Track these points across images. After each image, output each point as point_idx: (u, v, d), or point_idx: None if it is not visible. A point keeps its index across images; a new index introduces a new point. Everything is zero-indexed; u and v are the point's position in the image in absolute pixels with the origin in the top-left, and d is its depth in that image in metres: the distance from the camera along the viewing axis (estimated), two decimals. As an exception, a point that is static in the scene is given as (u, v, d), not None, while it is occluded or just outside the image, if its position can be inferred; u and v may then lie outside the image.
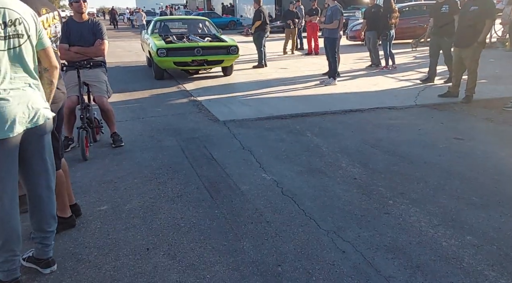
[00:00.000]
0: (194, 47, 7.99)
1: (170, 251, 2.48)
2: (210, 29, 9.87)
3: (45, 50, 2.04)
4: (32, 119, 1.94)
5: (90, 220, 2.85)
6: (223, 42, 8.43)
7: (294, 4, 12.66)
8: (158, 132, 4.93)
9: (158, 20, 10.26)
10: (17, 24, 1.85)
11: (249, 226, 2.74)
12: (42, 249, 2.20)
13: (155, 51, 7.76)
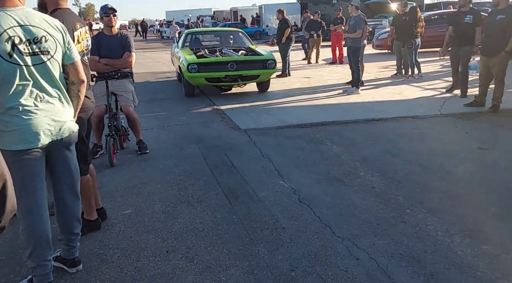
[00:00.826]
0: (227, 62, 7.25)
1: (188, 253, 2.57)
2: (244, 41, 9.22)
3: (73, 64, 2.13)
4: (58, 132, 2.04)
5: (115, 223, 3.00)
6: (259, 56, 7.76)
7: (318, 13, 12.74)
8: (181, 140, 5.08)
9: (189, 33, 9.64)
10: (43, 41, 1.95)
11: (265, 231, 2.81)
12: (68, 250, 2.34)
13: (185, 66, 7.14)
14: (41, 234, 2.07)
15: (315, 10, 13.10)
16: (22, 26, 1.88)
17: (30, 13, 1.95)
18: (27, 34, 1.90)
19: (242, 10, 32.84)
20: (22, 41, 1.87)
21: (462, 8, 6.64)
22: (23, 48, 1.88)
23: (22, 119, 1.90)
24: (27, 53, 1.91)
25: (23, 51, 1.88)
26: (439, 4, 21.50)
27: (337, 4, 23.27)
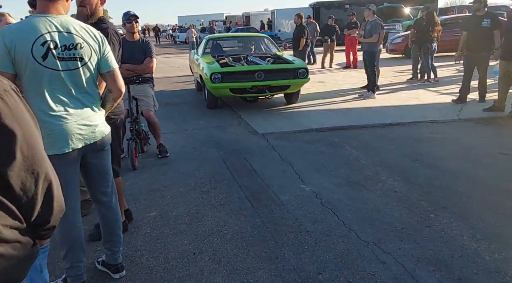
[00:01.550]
0: (254, 71, 6.57)
1: (215, 256, 2.61)
2: (270, 47, 8.45)
3: (109, 72, 2.14)
4: (90, 135, 2.07)
5: (141, 225, 3.05)
6: (289, 64, 6.98)
7: (332, 18, 12.77)
8: (200, 144, 5.14)
9: (210, 38, 8.75)
10: (78, 48, 1.98)
11: (289, 235, 2.83)
12: (112, 255, 2.39)
13: (208, 76, 6.48)
14: (75, 237, 2.13)
15: (329, 15, 13.14)
16: (60, 32, 1.94)
17: (70, 21, 2.00)
18: (63, 40, 1.94)
19: (254, 15, 33.03)
20: (58, 46, 1.92)
21: (477, 12, 6.50)
22: (57, 53, 1.92)
23: (53, 124, 1.92)
24: (61, 58, 1.94)
25: (57, 56, 1.92)
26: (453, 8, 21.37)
27: (349, 8, 23.27)
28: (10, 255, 1.02)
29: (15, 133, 1.00)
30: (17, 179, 1.01)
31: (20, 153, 1.01)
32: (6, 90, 1.01)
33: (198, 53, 8.39)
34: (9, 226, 1.02)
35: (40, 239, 1.17)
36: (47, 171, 1.08)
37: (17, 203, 1.04)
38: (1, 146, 0.98)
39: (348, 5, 23.71)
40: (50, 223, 1.14)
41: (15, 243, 1.04)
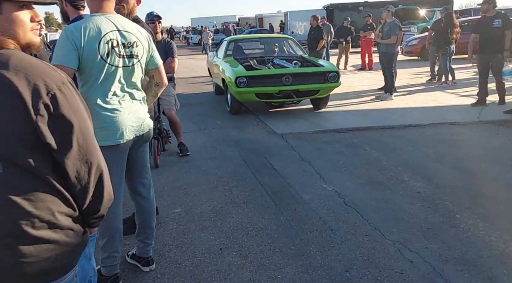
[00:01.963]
0: (282, 75, 6.17)
1: (242, 252, 2.64)
2: (295, 49, 7.96)
3: (157, 68, 2.27)
4: (140, 128, 2.17)
5: (167, 220, 3.10)
6: (318, 67, 6.60)
7: (348, 20, 12.74)
8: (219, 143, 5.19)
9: (231, 40, 8.31)
10: (134, 46, 2.08)
11: (314, 233, 2.85)
12: (143, 248, 2.44)
13: (233, 80, 6.08)
14: (116, 227, 2.19)
15: (345, 17, 13.10)
16: (119, 31, 2.03)
17: (123, 19, 2.11)
18: (122, 38, 2.04)
19: (267, 17, 33.08)
20: (118, 44, 2.02)
21: (486, 14, 6.38)
22: (118, 51, 2.02)
23: (109, 116, 2.02)
24: (121, 55, 2.05)
25: (118, 53, 2.03)
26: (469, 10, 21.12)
27: (363, 10, 23.18)
28: (64, 242, 1.06)
29: (73, 123, 1.04)
30: (72, 167, 1.05)
31: (76, 142, 1.05)
32: (64, 83, 1.05)
33: (218, 56, 7.99)
34: (64, 213, 1.07)
35: (89, 227, 1.21)
36: (99, 161, 1.13)
37: (71, 191, 1.08)
38: (60, 135, 1.02)
39: (362, 7, 23.65)
40: (99, 212, 1.18)
41: (68, 230, 1.08)
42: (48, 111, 0.99)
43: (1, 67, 0.97)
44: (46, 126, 0.99)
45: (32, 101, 0.97)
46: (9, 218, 0.98)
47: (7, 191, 0.97)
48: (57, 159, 1.04)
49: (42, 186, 1.02)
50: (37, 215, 1.00)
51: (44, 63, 1.06)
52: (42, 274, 1.03)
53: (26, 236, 0.99)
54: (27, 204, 0.99)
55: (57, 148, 1.02)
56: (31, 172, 1.00)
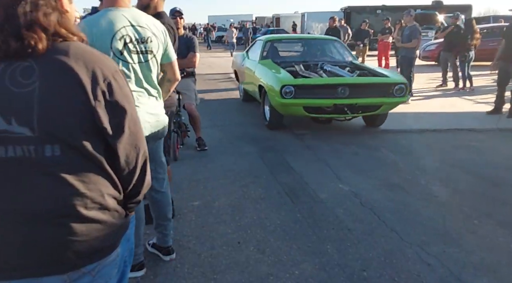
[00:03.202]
0: (337, 85, 5.06)
1: (259, 246, 2.68)
2: (343, 54, 6.74)
3: (171, 63, 2.23)
4: (155, 124, 2.17)
5: (185, 212, 3.15)
6: (382, 77, 5.38)
7: (366, 23, 12.68)
8: (236, 139, 5.23)
9: (268, 40, 6.93)
10: (148, 42, 2.06)
11: (331, 231, 2.87)
12: (163, 238, 2.49)
13: (277, 89, 4.99)
14: (141, 218, 2.24)
15: (363, 19, 13.04)
16: (133, 26, 2.02)
17: (138, 14, 2.08)
18: (136, 34, 2.02)
19: (284, 17, 33.06)
20: (132, 40, 2.00)
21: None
22: (132, 47, 2.00)
23: None
24: (135, 51, 2.03)
25: (132, 49, 2.01)
26: (488, 17, 20.84)
27: (381, 14, 23.01)
28: (110, 222, 1.11)
29: (126, 109, 1.09)
30: (123, 151, 1.10)
31: (127, 128, 1.09)
32: (117, 71, 1.10)
33: (251, 58, 6.92)
34: (112, 196, 1.11)
35: (128, 211, 1.25)
36: (145, 147, 1.18)
37: (119, 174, 1.13)
38: (115, 120, 1.07)
39: (380, 11, 23.48)
40: (139, 196, 1.23)
41: (114, 211, 1.12)
42: (104, 97, 1.04)
43: (62, 54, 1.01)
44: (103, 112, 1.03)
45: (91, 87, 1.01)
46: (65, 198, 1.02)
47: (64, 172, 1.01)
48: (111, 143, 1.08)
49: (95, 169, 1.06)
50: (90, 196, 1.05)
51: (98, 51, 1.10)
52: (91, 253, 1.08)
53: (79, 216, 1.03)
54: (81, 186, 1.03)
55: (111, 133, 1.06)
56: (86, 155, 1.04)
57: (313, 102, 5.09)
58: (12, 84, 0.98)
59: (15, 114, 0.98)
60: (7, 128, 0.98)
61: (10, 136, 0.98)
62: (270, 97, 5.29)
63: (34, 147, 0.99)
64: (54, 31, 1.02)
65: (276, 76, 5.30)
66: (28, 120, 0.98)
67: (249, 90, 6.94)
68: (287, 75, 5.25)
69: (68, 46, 1.03)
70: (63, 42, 1.04)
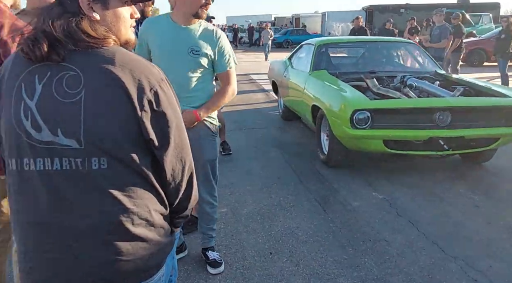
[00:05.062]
0: (434, 109, 3.57)
1: (293, 257, 2.56)
2: (422, 61, 5.21)
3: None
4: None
5: (214, 220, 3.06)
6: (499, 97, 3.78)
7: (390, 22, 12.39)
8: (261, 143, 5.13)
9: (320, 44, 5.27)
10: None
11: (367, 243, 2.73)
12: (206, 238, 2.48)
13: (346, 115, 3.56)
14: None
15: (387, 19, 12.76)
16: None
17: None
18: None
19: (304, 17, 32.84)
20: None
21: None
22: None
23: None
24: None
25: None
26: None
27: (405, 12, 22.56)
28: (156, 240, 1.04)
29: (172, 120, 1.02)
30: (169, 164, 1.04)
31: (173, 139, 1.03)
32: (162, 80, 1.03)
33: (296, 66, 5.63)
34: (158, 211, 1.05)
35: (174, 227, 1.17)
36: (191, 160, 1.10)
37: (165, 189, 1.06)
38: (160, 131, 1.00)
39: (404, 9, 23.04)
40: (186, 211, 1.16)
41: (160, 228, 1.06)
42: (151, 107, 0.98)
43: (108, 63, 0.95)
44: (149, 122, 0.97)
45: (138, 97, 0.96)
46: (111, 215, 0.97)
47: (111, 186, 0.96)
48: (157, 155, 1.02)
49: (141, 183, 1.00)
50: (136, 212, 0.99)
51: (144, 59, 1.04)
52: (136, 273, 1.01)
53: (125, 233, 0.98)
54: (128, 201, 0.98)
55: (157, 145, 1.00)
56: (133, 168, 0.98)
57: (398, 135, 3.59)
58: (59, 94, 0.94)
59: (61, 126, 0.94)
60: (54, 139, 0.94)
61: (57, 148, 0.94)
62: (333, 125, 3.80)
63: (81, 160, 0.94)
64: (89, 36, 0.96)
65: (342, 96, 3.80)
66: (74, 132, 0.93)
67: (295, 110, 5.44)
68: (359, 95, 3.75)
69: (114, 54, 0.97)
70: (109, 49, 0.98)
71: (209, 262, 2.43)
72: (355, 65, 5.47)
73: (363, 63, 5.41)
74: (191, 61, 2.03)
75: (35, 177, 0.96)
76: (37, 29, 0.96)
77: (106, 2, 1.00)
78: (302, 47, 5.95)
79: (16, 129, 0.96)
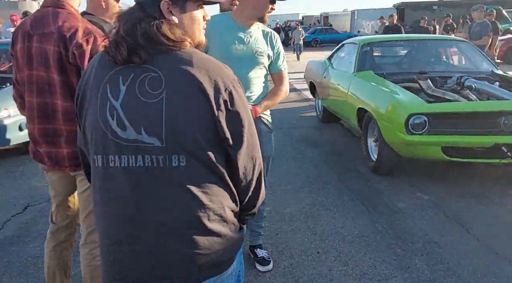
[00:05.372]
0: (498, 113, 3.32)
1: (341, 257, 2.55)
2: (476, 60, 4.87)
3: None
4: None
5: (258, 218, 3.08)
6: None
7: (424, 20, 12.10)
8: (298, 143, 5.12)
9: (365, 43, 4.99)
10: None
11: (417, 244, 2.68)
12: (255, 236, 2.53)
13: (400, 119, 3.37)
14: None
15: (422, 16, 12.45)
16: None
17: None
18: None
19: (333, 15, 32.50)
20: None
21: None
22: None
23: None
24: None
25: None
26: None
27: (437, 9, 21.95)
28: (229, 236, 1.07)
29: (245, 120, 1.04)
30: (242, 163, 1.06)
31: (246, 138, 1.05)
32: (235, 80, 1.06)
33: (336, 67, 5.43)
34: (230, 208, 1.07)
35: (242, 224, 1.19)
36: (261, 159, 1.12)
37: (237, 186, 1.09)
38: (235, 130, 1.03)
39: (437, 6, 22.42)
40: (254, 208, 1.17)
41: (232, 224, 1.08)
42: (226, 107, 1.00)
43: (186, 64, 0.99)
44: (224, 122, 1.00)
45: (214, 97, 0.98)
46: (189, 210, 1.00)
47: (189, 183, 0.99)
48: (231, 154, 1.04)
49: (216, 180, 1.03)
50: (212, 208, 1.02)
51: (217, 60, 1.06)
52: (211, 267, 1.04)
53: (202, 228, 1.01)
54: (204, 197, 1.01)
55: (232, 143, 1.02)
56: (209, 166, 1.01)
57: (460, 141, 3.32)
58: (142, 94, 0.98)
59: (144, 125, 0.98)
60: (138, 138, 0.98)
61: (140, 146, 0.98)
62: (384, 130, 3.58)
63: (162, 157, 0.98)
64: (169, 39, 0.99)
65: (395, 98, 3.58)
66: (157, 130, 0.97)
67: (336, 112, 5.22)
68: (414, 98, 3.51)
69: (191, 55, 1.01)
70: (186, 51, 1.01)
71: (257, 260, 2.45)
72: (401, 65, 5.20)
73: (410, 62, 5.13)
74: (255, 61, 2.06)
75: (120, 173, 1.00)
76: (119, 33, 1.01)
77: (184, 5, 1.04)
78: (343, 47, 5.73)
79: (102, 128, 1.01)
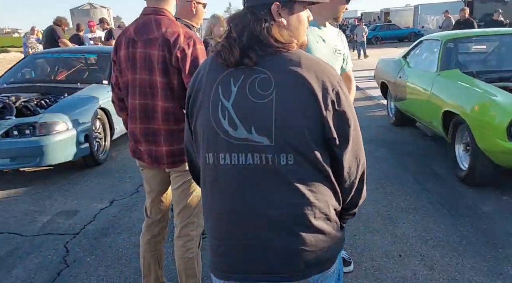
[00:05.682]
0: None
1: (425, 261, 2.47)
2: None
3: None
4: None
5: (334, 218, 3.07)
6: None
7: (498, 13, 11.25)
8: (367, 142, 4.93)
9: (449, 39, 4.54)
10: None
11: (507, 250, 2.52)
12: None
13: (501, 124, 3.04)
14: None
15: (495, 9, 11.60)
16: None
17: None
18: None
19: (394, 11, 31.26)
20: None
21: None
22: None
23: None
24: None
25: None
26: None
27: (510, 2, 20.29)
28: (333, 234, 1.08)
29: (351, 119, 1.05)
30: (347, 162, 1.07)
31: (352, 138, 1.06)
32: (341, 80, 1.07)
33: (414, 66, 5.09)
34: (334, 207, 1.09)
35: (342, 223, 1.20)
36: (364, 158, 1.13)
37: (341, 186, 1.10)
38: (342, 130, 1.04)
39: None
40: (355, 208, 1.18)
41: (334, 223, 1.10)
42: (333, 107, 1.02)
43: (295, 65, 1.02)
44: (332, 121, 1.02)
45: (322, 97, 1.00)
46: (296, 207, 1.03)
47: (296, 181, 1.02)
48: (337, 153, 1.05)
49: (322, 179, 1.05)
50: (318, 206, 1.04)
51: (323, 61, 1.08)
52: (317, 264, 1.06)
53: (309, 225, 1.03)
54: (311, 195, 1.03)
55: (338, 143, 1.04)
56: (316, 165, 1.03)
57: None
58: (252, 95, 1.02)
59: (255, 124, 1.02)
60: (248, 137, 1.02)
61: (250, 144, 1.02)
62: (479, 136, 3.23)
63: (271, 155, 1.01)
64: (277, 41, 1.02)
65: (493, 100, 3.24)
66: (266, 130, 1.01)
67: (415, 115, 4.80)
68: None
69: (299, 56, 1.04)
70: (293, 52, 1.04)
71: None
72: (489, 62, 4.73)
73: (500, 60, 4.67)
74: (336, 60, 2.07)
75: (230, 170, 1.05)
76: (231, 36, 1.06)
77: (292, 7, 1.07)
78: (421, 44, 5.32)
79: (214, 127, 1.06)
